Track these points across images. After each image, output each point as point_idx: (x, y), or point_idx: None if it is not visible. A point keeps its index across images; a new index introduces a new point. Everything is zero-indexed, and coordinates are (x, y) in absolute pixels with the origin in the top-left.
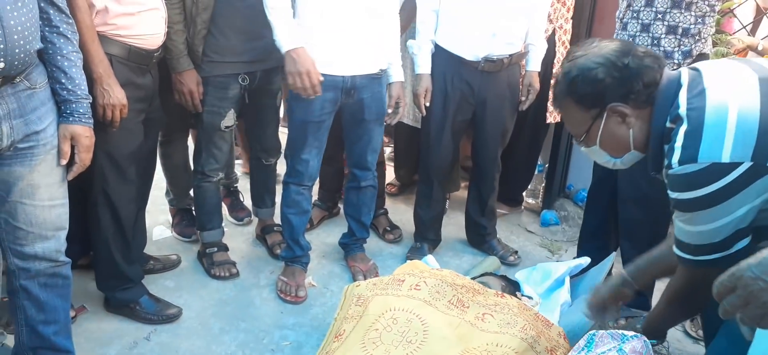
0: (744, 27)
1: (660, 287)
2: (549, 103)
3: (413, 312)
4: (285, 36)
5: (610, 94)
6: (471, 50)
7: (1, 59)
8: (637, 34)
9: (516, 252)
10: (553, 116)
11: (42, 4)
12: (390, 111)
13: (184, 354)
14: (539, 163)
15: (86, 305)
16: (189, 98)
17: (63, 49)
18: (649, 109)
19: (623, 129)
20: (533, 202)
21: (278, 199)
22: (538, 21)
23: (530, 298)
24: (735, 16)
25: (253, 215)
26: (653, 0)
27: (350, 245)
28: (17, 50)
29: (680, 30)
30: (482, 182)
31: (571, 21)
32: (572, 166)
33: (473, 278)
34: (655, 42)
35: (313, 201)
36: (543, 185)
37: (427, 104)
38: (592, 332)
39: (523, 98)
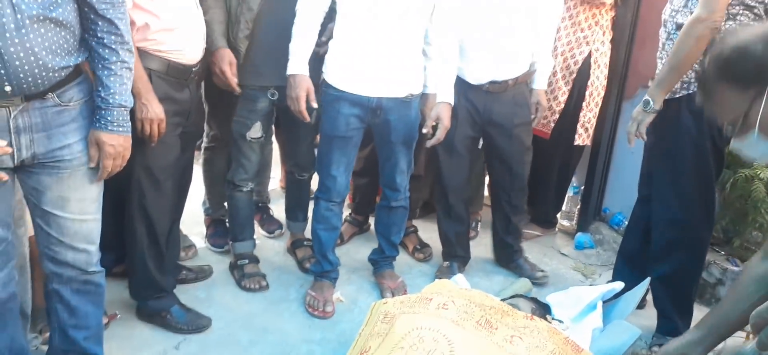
0: None
1: (697, 315)
2: (579, 126)
3: (440, 331)
4: (292, 61)
5: None
6: (475, 75)
7: (6, 83)
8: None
9: (543, 271)
10: (581, 139)
11: (91, 16)
12: (425, 131)
13: None
14: (575, 185)
15: (119, 312)
16: (222, 77)
17: (105, 59)
18: None
19: None
20: (568, 224)
21: (310, 214)
22: (544, 41)
23: (561, 322)
24: None
25: (284, 228)
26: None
27: (379, 262)
28: (21, 74)
29: None
30: (503, 200)
31: (608, 44)
32: (609, 189)
33: (503, 300)
34: None
35: (344, 217)
36: (578, 207)
37: (434, 123)
38: None
39: (533, 116)
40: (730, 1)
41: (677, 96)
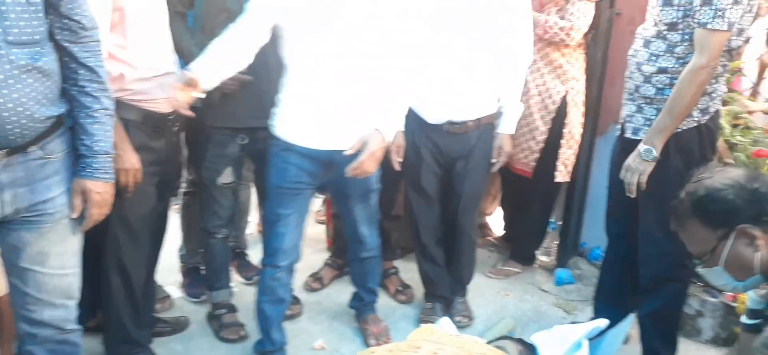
0: (753, 86)
1: (681, 348)
2: (559, 163)
3: None
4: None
5: (741, 215)
6: (432, 113)
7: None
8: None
9: (466, 315)
10: (562, 176)
11: (72, 65)
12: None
13: None
14: (552, 220)
15: None
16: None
17: (88, 107)
18: None
19: (750, 252)
20: (546, 260)
21: None
22: (511, 85)
23: None
24: (744, 74)
25: None
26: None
27: (360, 308)
28: (9, 125)
29: None
30: (449, 244)
31: (583, 82)
32: (585, 224)
33: (488, 342)
34: None
35: (324, 260)
36: (556, 242)
37: (401, 160)
38: None
39: (494, 160)
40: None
41: None
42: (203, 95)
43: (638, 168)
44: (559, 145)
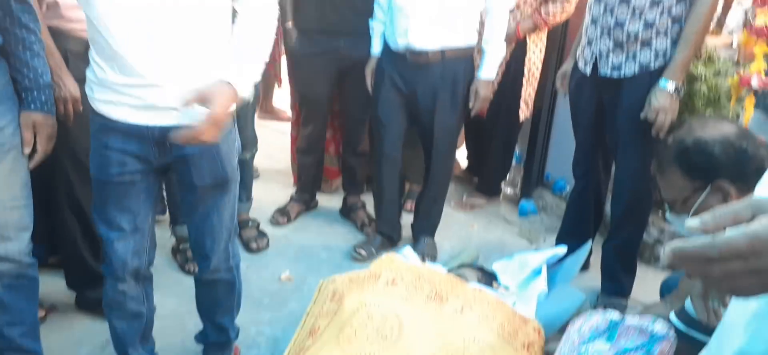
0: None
1: (640, 274)
2: (521, 101)
3: (389, 308)
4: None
5: (722, 171)
6: (394, 39)
7: None
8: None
9: (432, 255)
10: (524, 114)
11: None
12: None
13: (159, 352)
14: (517, 153)
15: (56, 305)
16: None
17: (25, 40)
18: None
19: None
20: (511, 192)
21: (254, 193)
22: (492, 24)
23: (507, 288)
24: None
25: None
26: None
27: (207, 348)
28: None
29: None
30: (425, 180)
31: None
32: (550, 157)
33: (449, 270)
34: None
35: (290, 194)
36: (521, 175)
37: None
38: (614, 318)
39: (471, 105)
40: None
41: (651, 69)
42: None
43: (673, 107)
44: (520, 83)
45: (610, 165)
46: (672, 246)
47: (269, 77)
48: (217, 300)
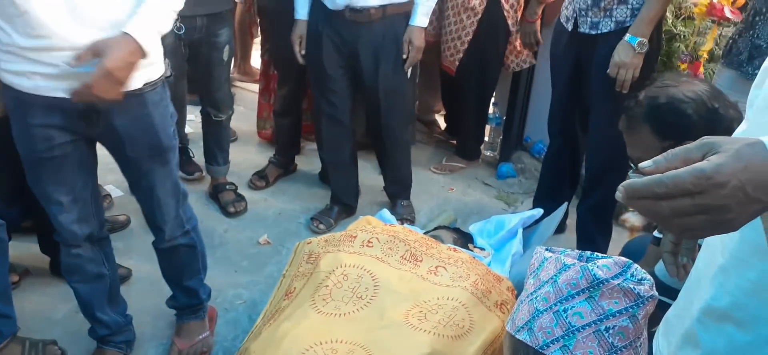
0: None
1: (614, 236)
2: (512, 55)
3: (364, 268)
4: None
5: (693, 131)
6: None
7: None
8: None
9: (410, 218)
10: (520, 66)
11: None
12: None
13: (135, 315)
14: (497, 115)
15: (30, 270)
16: None
17: None
18: None
19: None
20: (491, 155)
21: (232, 157)
22: None
23: (483, 249)
24: None
25: (204, 173)
26: None
27: (180, 312)
28: None
29: None
30: (378, 146)
31: None
32: (529, 119)
33: (426, 232)
34: None
35: (268, 158)
36: (500, 137)
37: (303, 52)
38: (598, 274)
39: (404, 55)
40: None
41: (626, 25)
42: None
43: (634, 63)
44: (496, 40)
45: (587, 126)
46: (624, 184)
47: (246, 38)
48: (181, 265)
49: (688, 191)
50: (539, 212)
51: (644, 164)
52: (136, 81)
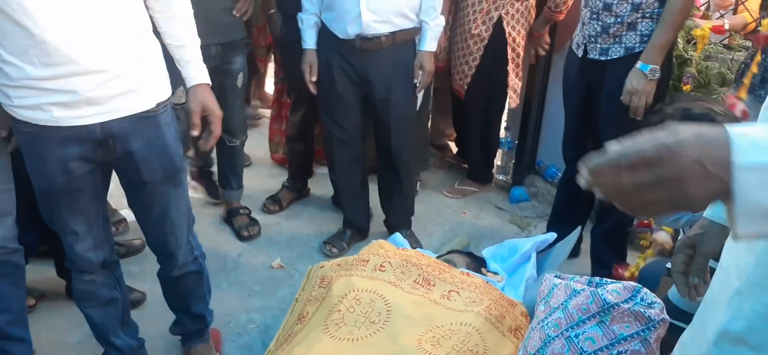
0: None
1: (630, 261)
2: (509, 89)
3: (377, 293)
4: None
5: None
6: (342, 27)
7: None
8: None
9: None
10: (513, 102)
11: None
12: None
13: (149, 340)
14: (509, 139)
15: (46, 294)
16: None
17: None
18: None
19: None
20: (503, 179)
21: (246, 181)
22: None
23: (496, 273)
24: None
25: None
26: None
27: (185, 338)
28: None
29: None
30: (383, 169)
31: (519, 6)
32: (542, 143)
33: (439, 256)
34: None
35: (282, 182)
36: (513, 161)
37: (314, 79)
38: (608, 298)
39: (416, 80)
40: None
41: (636, 51)
42: None
43: (646, 89)
44: (503, 65)
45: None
46: (586, 163)
47: (259, 65)
48: (189, 292)
49: (649, 161)
50: (553, 236)
51: (611, 146)
52: (149, 101)
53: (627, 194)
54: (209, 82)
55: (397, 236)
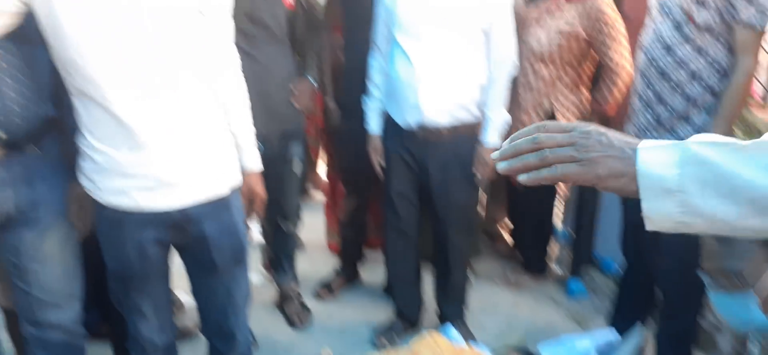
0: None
1: None
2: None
3: None
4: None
5: None
6: (402, 116)
7: (2, 130)
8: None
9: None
10: (563, 192)
11: None
12: None
13: None
14: (564, 230)
15: None
16: None
17: None
18: None
19: None
20: (560, 271)
21: (299, 266)
22: (494, 91)
23: None
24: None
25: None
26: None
27: None
28: (17, 119)
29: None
30: (440, 260)
31: (572, 97)
32: (599, 234)
33: (495, 353)
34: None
35: (334, 268)
36: (570, 253)
37: (382, 163)
38: None
39: (477, 173)
40: None
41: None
42: None
43: None
44: None
45: (659, 246)
46: (501, 148)
47: (311, 153)
48: None
49: (563, 128)
50: (613, 333)
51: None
52: (223, 187)
53: (544, 157)
54: (261, 168)
55: (450, 328)
